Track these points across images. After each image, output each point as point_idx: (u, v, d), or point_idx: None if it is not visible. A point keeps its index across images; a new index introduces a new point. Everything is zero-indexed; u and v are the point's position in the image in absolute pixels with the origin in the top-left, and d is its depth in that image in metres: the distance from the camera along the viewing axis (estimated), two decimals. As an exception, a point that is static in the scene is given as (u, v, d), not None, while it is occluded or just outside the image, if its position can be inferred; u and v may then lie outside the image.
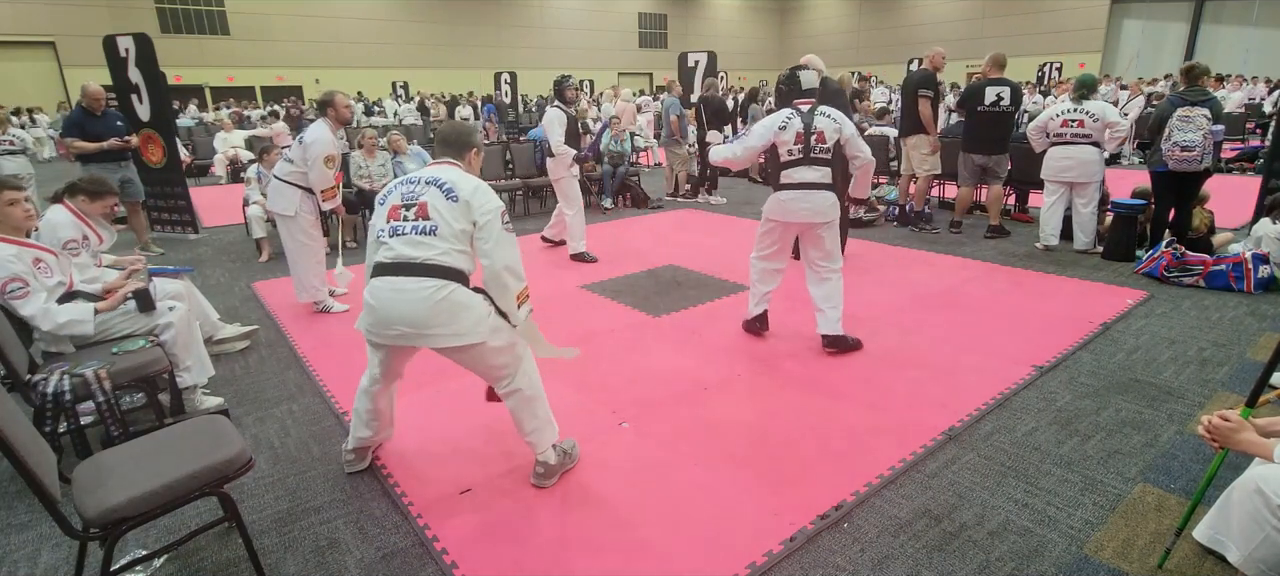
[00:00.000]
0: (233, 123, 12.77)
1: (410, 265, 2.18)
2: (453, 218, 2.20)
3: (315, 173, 4.24)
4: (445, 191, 2.22)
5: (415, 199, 2.23)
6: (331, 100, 4.29)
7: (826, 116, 3.53)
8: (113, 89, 6.85)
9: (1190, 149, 4.81)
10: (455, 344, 2.21)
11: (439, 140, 2.46)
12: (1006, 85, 5.89)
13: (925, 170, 6.52)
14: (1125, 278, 4.97)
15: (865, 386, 3.29)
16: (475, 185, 2.27)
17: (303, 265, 4.51)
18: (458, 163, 2.39)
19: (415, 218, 2.21)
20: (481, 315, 2.24)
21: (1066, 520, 2.26)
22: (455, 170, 2.33)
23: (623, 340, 4.00)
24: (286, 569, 2.12)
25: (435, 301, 2.16)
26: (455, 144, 2.42)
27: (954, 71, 19.26)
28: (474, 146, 2.46)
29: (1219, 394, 3.14)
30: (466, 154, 2.43)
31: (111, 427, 2.54)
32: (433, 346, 2.23)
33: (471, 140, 2.45)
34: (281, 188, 4.38)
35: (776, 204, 3.63)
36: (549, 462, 2.49)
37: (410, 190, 2.25)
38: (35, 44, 20.34)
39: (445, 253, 2.19)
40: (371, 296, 2.23)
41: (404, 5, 26.09)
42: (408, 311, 2.17)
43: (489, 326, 2.26)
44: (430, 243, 2.19)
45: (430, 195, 2.22)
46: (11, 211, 2.77)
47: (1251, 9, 22.45)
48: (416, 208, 2.22)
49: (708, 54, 9.94)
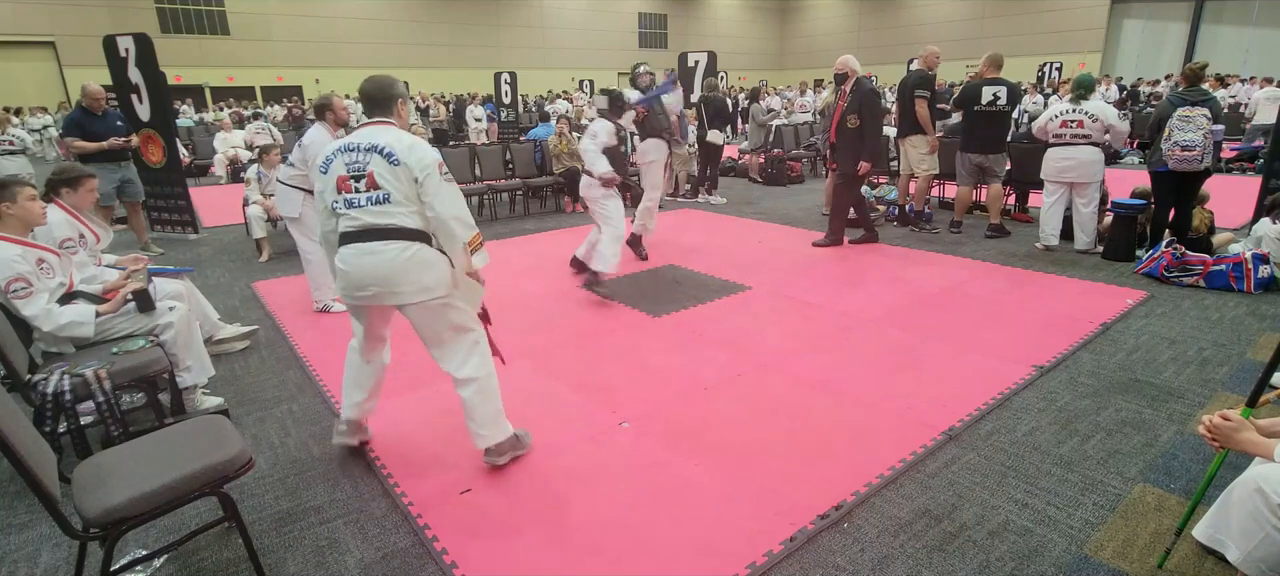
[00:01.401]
0: (233, 123, 12.77)
1: (376, 230, 2.31)
2: (398, 181, 2.29)
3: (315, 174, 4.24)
4: (386, 156, 2.28)
5: (362, 169, 2.29)
6: (329, 103, 4.35)
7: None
8: (113, 89, 6.85)
9: (1191, 149, 4.81)
10: (422, 299, 2.37)
11: (365, 99, 2.46)
12: (1003, 85, 5.90)
13: (924, 170, 6.53)
14: (1125, 278, 4.97)
15: (865, 386, 3.29)
16: (410, 143, 2.32)
17: (312, 266, 4.58)
18: (390, 120, 2.42)
19: (367, 189, 2.30)
20: (444, 273, 2.40)
21: (1066, 520, 2.26)
22: (391, 130, 2.36)
23: (623, 340, 4.00)
24: (286, 569, 2.12)
25: (403, 260, 2.31)
26: (381, 100, 2.43)
27: (954, 71, 19.29)
28: (399, 96, 2.47)
29: (1219, 394, 3.14)
30: (394, 106, 2.45)
31: (111, 427, 2.54)
32: (400, 303, 2.38)
33: (395, 92, 2.47)
34: (285, 191, 4.46)
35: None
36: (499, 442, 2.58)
37: (353, 159, 2.31)
38: (35, 44, 20.35)
39: (405, 216, 2.32)
40: (342, 262, 2.36)
41: (404, 5, 26.09)
42: (377, 271, 2.32)
43: (451, 283, 2.41)
44: (388, 210, 2.30)
45: (375, 164, 2.28)
46: (31, 207, 2.81)
47: (1251, 9, 22.45)
48: (365, 178, 2.30)
49: (708, 54, 9.94)
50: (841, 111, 5.79)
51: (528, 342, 3.92)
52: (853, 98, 5.70)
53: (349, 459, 2.75)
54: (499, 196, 8.41)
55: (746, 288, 4.95)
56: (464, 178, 7.89)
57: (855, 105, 5.67)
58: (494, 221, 7.88)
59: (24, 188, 2.80)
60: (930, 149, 6.40)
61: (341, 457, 2.76)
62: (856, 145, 5.68)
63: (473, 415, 2.54)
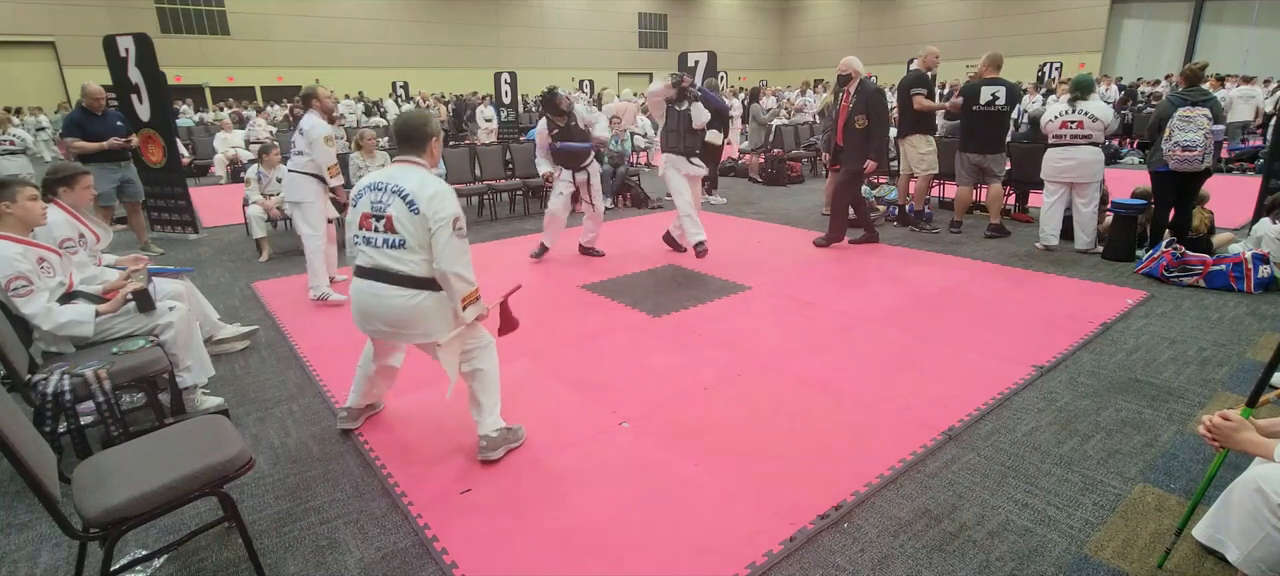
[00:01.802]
0: (233, 123, 12.78)
1: (387, 274, 2.40)
2: (416, 229, 2.34)
3: (319, 153, 4.65)
4: (408, 203, 2.33)
5: (383, 210, 2.36)
6: (314, 93, 4.78)
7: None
8: (113, 89, 6.85)
9: (1191, 149, 4.82)
10: (424, 341, 2.51)
11: (397, 136, 2.47)
12: (1002, 85, 5.90)
13: (923, 169, 6.53)
14: (1125, 278, 4.97)
15: (865, 386, 3.29)
16: (432, 193, 2.33)
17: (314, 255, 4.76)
18: (419, 160, 2.45)
19: (385, 231, 2.38)
20: (447, 317, 2.49)
21: (1066, 520, 2.26)
22: (417, 173, 2.39)
23: (623, 340, 4.00)
24: (286, 569, 2.12)
25: (409, 308, 2.41)
26: (414, 139, 2.45)
27: (954, 71, 19.28)
28: (433, 135, 2.48)
29: (1219, 394, 3.14)
30: (427, 145, 2.47)
31: (111, 427, 2.54)
32: (405, 342, 2.54)
33: (429, 129, 2.48)
34: (297, 178, 4.74)
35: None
36: (490, 435, 2.64)
37: (378, 199, 2.38)
38: (35, 44, 20.34)
39: (415, 265, 2.38)
40: (354, 293, 2.50)
41: (404, 5, 26.08)
42: (384, 314, 2.45)
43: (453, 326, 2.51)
44: (401, 256, 2.38)
45: (395, 208, 2.34)
46: (32, 207, 2.81)
47: (1251, 9, 22.44)
48: (384, 220, 2.37)
49: (708, 54, 9.93)
50: (847, 113, 5.79)
51: (528, 342, 3.91)
52: (859, 98, 5.70)
53: (349, 459, 2.75)
54: (499, 196, 8.41)
55: (746, 287, 4.95)
56: (464, 178, 7.90)
57: (862, 106, 5.66)
58: (494, 221, 7.88)
59: (24, 187, 2.80)
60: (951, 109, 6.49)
61: (341, 457, 2.76)
62: (864, 145, 5.69)
63: (474, 401, 2.66)
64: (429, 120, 2.50)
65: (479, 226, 7.56)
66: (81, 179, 3.44)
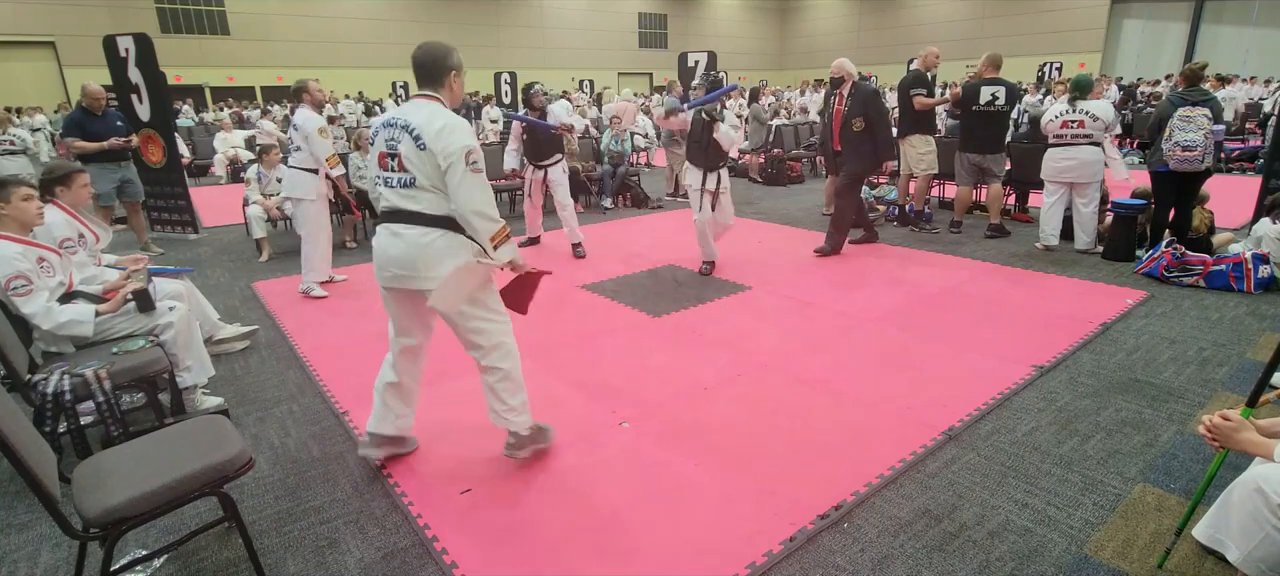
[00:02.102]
0: (233, 123, 12.77)
1: (402, 214, 2.30)
2: (424, 166, 2.24)
3: (316, 146, 4.68)
4: (415, 139, 2.21)
5: (395, 148, 2.27)
6: (305, 87, 4.79)
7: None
8: (113, 89, 6.85)
9: (1191, 149, 4.82)
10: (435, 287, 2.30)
11: (416, 69, 2.32)
12: (1001, 85, 5.91)
13: (922, 169, 6.53)
14: (1125, 278, 4.97)
15: (865, 386, 3.29)
16: (440, 126, 2.19)
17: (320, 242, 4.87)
18: (436, 95, 2.31)
19: (397, 170, 2.28)
20: (466, 261, 2.31)
21: (1066, 520, 2.26)
22: (428, 108, 2.26)
23: (623, 340, 4.00)
24: (286, 569, 2.12)
25: (421, 247, 2.28)
26: (432, 71, 2.30)
27: (954, 71, 19.27)
28: (453, 68, 2.32)
29: (1219, 394, 3.14)
30: (445, 79, 2.31)
31: (111, 427, 2.54)
32: (418, 287, 2.33)
33: (450, 62, 2.31)
34: (295, 175, 4.80)
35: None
36: (522, 434, 2.58)
37: (391, 136, 2.27)
38: (35, 44, 20.33)
39: (430, 203, 2.28)
40: (375, 241, 2.39)
41: (404, 5, 26.08)
42: (397, 254, 2.31)
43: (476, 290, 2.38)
44: (414, 194, 2.27)
45: (404, 144, 2.24)
46: (27, 207, 2.80)
47: (1251, 9, 22.44)
48: (396, 159, 2.27)
49: (708, 54, 9.94)
50: (842, 116, 5.67)
51: (528, 342, 3.89)
52: (854, 101, 5.59)
53: (349, 459, 2.75)
54: (499, 196, 8.40)
55: (746, 287, 4.95)
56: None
57: (858, 108, 5.53)
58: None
59: (19, 187, 2.79)
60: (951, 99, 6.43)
61: (341, 457, 2.76)
62: (864, 147, 5.53)
63: (497, 403, 2.54)
64: (450, 51, 2.33)
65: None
66: (78, 178, 3.43)
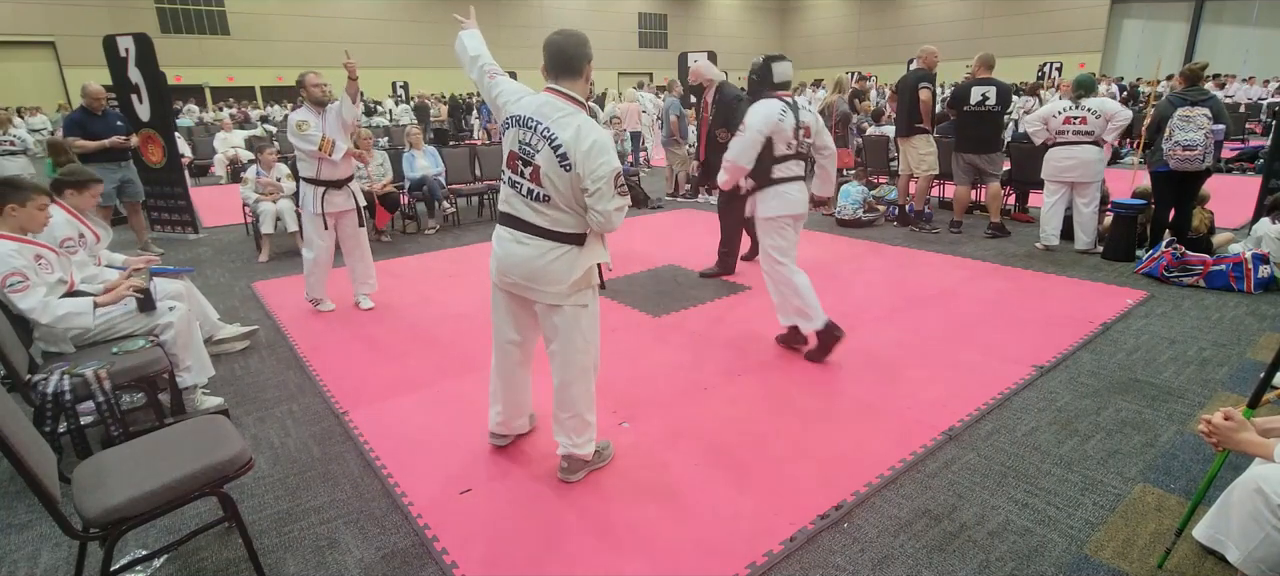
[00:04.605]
0: (233, 123, 12.78)
1: (526, 224, 2.26)
2: (565, 187, 2.16)
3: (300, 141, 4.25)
4: (559, 156, 2.11)
5: (531, 156, 2.17)
6: (302, 82, 4.41)
7: (805, 109, 3.50)
8: (113, 89, 6.85)
9: (1192, 148, 4.82)
10: (560, 301, 2.30)
11: (552, 54, 2.20)
12: (992, 85, 5.91)
13: (924, 170, 6.53)
14: (1125, 278, 4.97)
15: (865, 386, 3.29)
16: (589, 145, 2.10)
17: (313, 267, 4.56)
18: (574, 92, 2.21)
19: (530, 180, 2.20)
20: (587, 277, 2.31)
21: (1066, 520, 2.26)
22: (574, 119, 2.14)
23: (623, 340, 4.00)
24: (286, 569, 2.12)
25: (547, 262, 2.25)
26: (571, 59, 2.19)
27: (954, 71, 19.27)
28: (589, 58, 2.24)
29: (1219, 394, 3.14)
30: (583, 69, 2.23)
31: (111, 427, 2.54)
32: (539, 299, 2.32)
33: (588, 51, 2.23)
34: (303, 186, 4.45)
35: (782, 199, 3.44)
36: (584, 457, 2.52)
37: (526, 138, 2.17)
38: (35, 44, 20.33)
39: (558, 221, 2.23)
40: (496, 242, 2.36)
41: (404, 5, 26.08)
42: (521, 265, 2.28)
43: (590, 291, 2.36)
44: (544, 210, 2.22)
45: (543, 157, 2.14)
46: (37, 216, 2.81)
47: (1251, 9, 22.44)
48: (532, 169, 2.18)
49: (707, 54, 9.95)
50: (708, 126, 5.20)
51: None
52: (717, 109, 5.08)
53: (349, 459, 2.75)
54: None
55: (746, 287, 4.95)
56: (464, 178, 7.90)
57: (722, 118, 5.00)
58: (494, 221, 7.87)
59: (38, 197, 2.81)
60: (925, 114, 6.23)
61: (341, 457, 2.76)
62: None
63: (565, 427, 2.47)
64: (585, 39, 2.25)
65: (480, 226, 7.56)
66: (93, 187, 3.48)
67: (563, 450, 2.50)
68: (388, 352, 3.88)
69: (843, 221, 7.01)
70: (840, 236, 6.60)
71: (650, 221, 7.73)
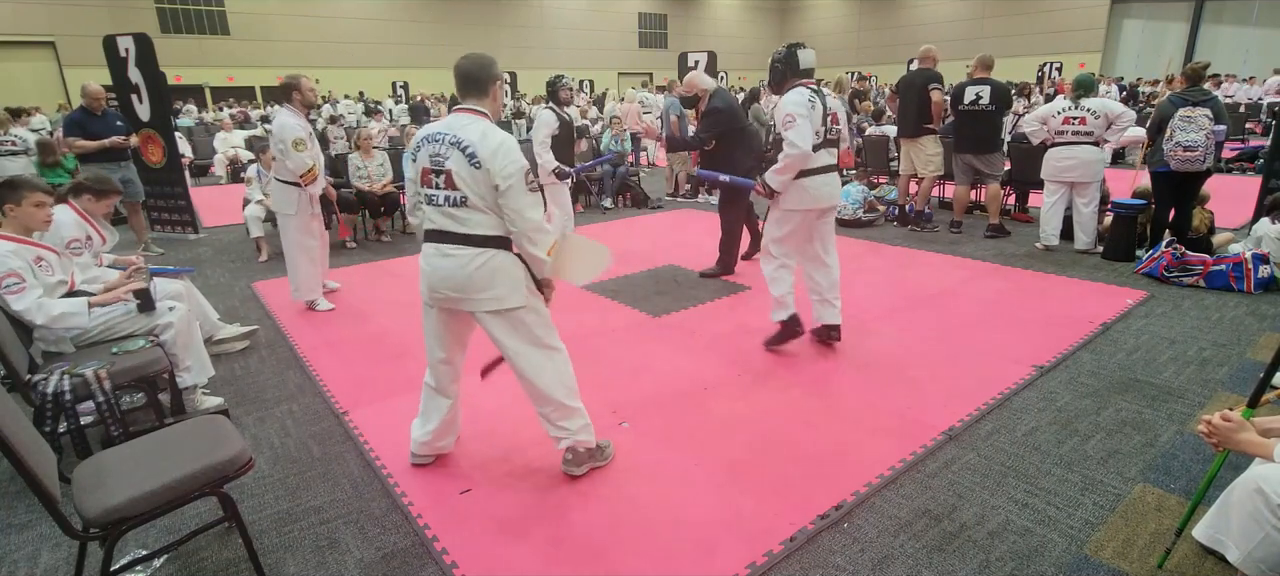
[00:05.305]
0: (234, 123, 12.78)
1: (449, 235, 2.25)
2: (478, 185, 2.18)
3: (291, 160, 4.20)
4: (468, 156, 2.16)
5: (442, 165, 2.20)
6: (297, 83, 4.28)
7: (831, 97, 3.45)
8: (113, 89, 6.86)
9: (1193, 149, 4.82)
10: (495, 308, 2.29)
11: (459, 80, 2.30)
12: (987, 85, 5.92)
13: (930, 171, 6.52)
14: (1125, 278, 4.97)
15: (865, 386, 3.29)
16: (496, 145, 2.16)
17: (299, 264, 4.55)
18: (481, 107, 2.28)
19: (445, 187, 2.22)
20: (518, 280, 2.30)
21: (1066, 520, 2.26)
22: (478, 125, 2.21)
23: (623, 340, 4.00)
24: (286, 569, 2.12)
25: (474, 269, 2.24)
26: (477, 80, 2.28)
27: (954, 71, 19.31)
28: (496, 78, 2.32)
29: (1219, 394, 3.14)
30: (490, 89, 2.31)
31: (111, 427, 2.54)
32: (474, 310, 2.30)
33: (493, 72, 2.31)
34: (280, 187, 4.43)
35: (802, 192, 3.38)
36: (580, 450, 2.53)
37: (436, 152, 2.21)
38: (35, 44, 20.33)
39: (481, 223, 2.23)
40: (423, 260, 2.34)
41: (404, 5, 26.07)
42: (449, 276, 2.27)
43: (526, 292, 2.33)
44: (463, 215, 2.22)
45: (454, 161, 2.18)
46: (35, 214, 2.80)
47: (1251, 9, 22.44)
48: (444, 176, 2.21)
49: (708, 54, 9.95)
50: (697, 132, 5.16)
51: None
52: (707, 120, 4.94)
53: (349, 459, 2.76)
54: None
55: (746, 287, 4.95)
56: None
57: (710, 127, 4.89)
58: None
59: (34, 193, 2.80)
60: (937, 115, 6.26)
61: (341, 457, 2.76)
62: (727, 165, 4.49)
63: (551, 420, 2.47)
64: (492, 61, 2.34)
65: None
66: (112, 196, 3.52)
67: (563, 443, 2.51)
68: (388, 352, 3.88)
69: (843, 221, 7.01)
70: (840, 236, 6.53)
71: (650, 221, 7.73)
